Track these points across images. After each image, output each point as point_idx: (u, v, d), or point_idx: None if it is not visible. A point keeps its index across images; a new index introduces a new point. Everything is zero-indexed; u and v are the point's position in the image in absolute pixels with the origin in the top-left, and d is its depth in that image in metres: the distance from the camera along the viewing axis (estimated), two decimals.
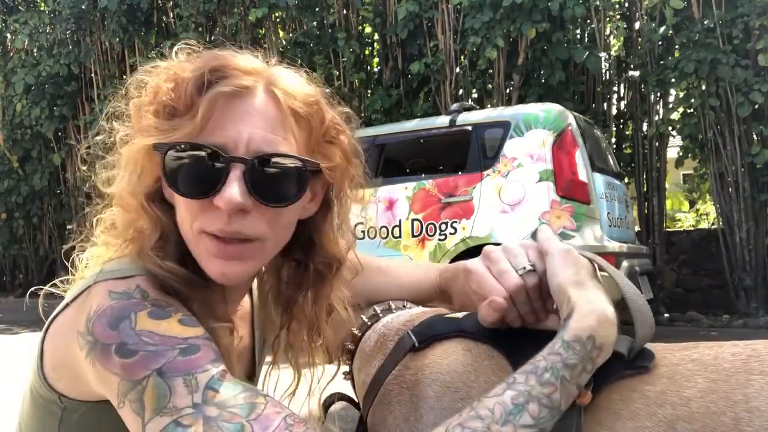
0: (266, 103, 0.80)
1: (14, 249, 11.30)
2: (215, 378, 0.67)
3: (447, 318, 0.95)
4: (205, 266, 0.80)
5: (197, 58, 0.84)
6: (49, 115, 9.97)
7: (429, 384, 0.85)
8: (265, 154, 0.77)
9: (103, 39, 9.53)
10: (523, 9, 6.31)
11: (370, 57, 8.66)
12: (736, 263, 6.37)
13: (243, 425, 0.64)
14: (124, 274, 0.77)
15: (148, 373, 0.67)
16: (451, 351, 0.88)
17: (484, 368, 0.84)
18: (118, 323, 0.71)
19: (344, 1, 7.98)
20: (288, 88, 0.82)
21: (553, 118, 4.62)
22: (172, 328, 0.71)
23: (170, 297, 0.77)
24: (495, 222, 4.56)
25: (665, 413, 0.71)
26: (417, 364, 0.88)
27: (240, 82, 0.78)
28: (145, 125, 0.80)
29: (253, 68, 0.81)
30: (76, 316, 0.76)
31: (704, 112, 6.30)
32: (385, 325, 1.00)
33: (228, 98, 0.78)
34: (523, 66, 6.88)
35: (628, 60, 7.46)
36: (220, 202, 0.75)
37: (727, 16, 6.19)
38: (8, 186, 10.70)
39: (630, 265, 4.55)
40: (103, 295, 0.74)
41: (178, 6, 8.74)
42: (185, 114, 0.78)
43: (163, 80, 0.81)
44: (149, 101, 0.81)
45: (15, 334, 6.26)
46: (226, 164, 0.76)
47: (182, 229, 0.81)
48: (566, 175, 4.47)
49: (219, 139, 0.77)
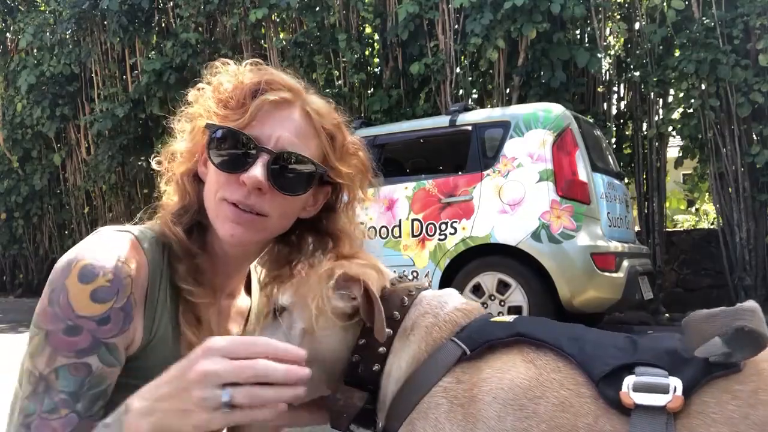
0: (300, 116, 1.03)
1: (14, 249, 11.30)
2: (65, 366, 0.87)
3: (497, 322, 0.90)
4: (220, 227, 1.00)
5: (258, 70, 1.06)
6: (50, 115, 9.97)
7: (489, 403, 0.77)
8: (288, 152, 0.99)
9: (104, 39, 9.53)
10: (524, 10, 6.32)
11: (371, 57, 8.66)
12: (736, 263, 6.37)
13: (33, 415, 0.85)
14: (123, 228, 0.99)
15: (43, 328, 0.88)
16: (511, 363, 0.80)
17: (551, 382, 0.77)
18: (65, 268, 0.91)
19: (345, 2, 7.98)
20: (319, 109, 1.05)
21: (553, 118, 4.63)
22: (79, 298, 0.89)
23: (134, 255, 0.96)
24: (495, 222, 4.56)
25: (758, 414, 0.67)
26: (471, 379, 0.81)
27: (283, 95, 1.01)
28: (205, 107, 1.02)
29: (296, 87, 1.04)
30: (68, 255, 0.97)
31: (704, 112, 6.30)
32: (432, 308, 0.95)
33: (272, 105, 1.00)
34: (523, 66, 6.88)
35: (629, 60, 7.46)
36: (245, 178, 0.96)
37: (727, 16, 6.19)
38: (8, 186, 10.69)
39: (630, 265, 4.55)
40: (94, 234, 0.98)
41: (178, 6, 8.73)
42: (237, 109, 0.99)
43: (228, 79, 1.03)
44: (213, 90, 1.03)
45: (19, 333, 6.26)
46: (257, 151, 0.98)
47: (207, 197, 1.03)
48: (566, 175, 4.47)
49: (257, 133, 0.99)
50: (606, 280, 4.36)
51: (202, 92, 1.05)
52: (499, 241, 4.51)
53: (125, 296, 0.92)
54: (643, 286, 4.77)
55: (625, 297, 4.43)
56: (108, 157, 9.31)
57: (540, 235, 4.39)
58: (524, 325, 0.86)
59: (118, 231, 0.99)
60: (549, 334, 0.82)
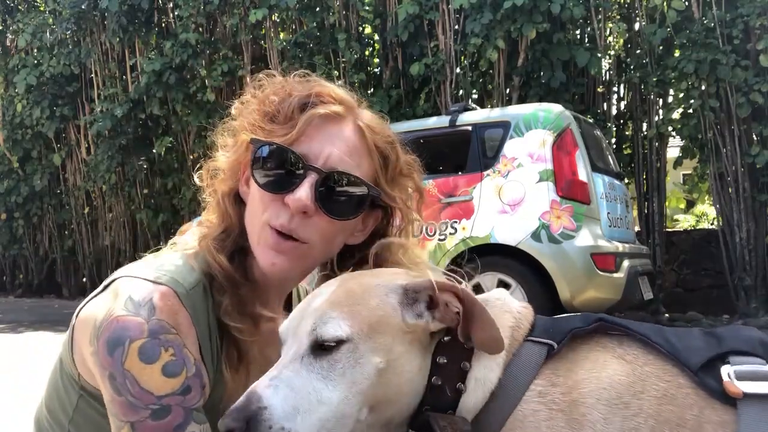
0: (352, 132, 0.95)
1: (14, 249, 11.29)
2: None
3: (565, 317, 0.84)
4: (260, 255, 0.93)
5: (307, 81, 0.98)
6: (50, 115, 9.97)
7: (593, 405, 0.72)
8: (338, 171, 0.91)
9: (104, 39, 9.53)
10: (524, 10, 6.32)
11: (371, 57, 8.66)
12: (736, 263, 6.37)
13: None
14: (151, 277, 0.88)
15: (125, 420, 0.83)
16: (603, 360, 0.76)
17: (647, 376, 0.74)
18: (114, 349, 0.83)
19: (345, 2, 7.98)
20: (372, 125, 0.97)
21: (553, 118, 4.63)
22: (153, 378, 0.82)
23: (178, 317, 0.87)
24: (495, 222, 4.55)
25: None
26: (567, 381, 0.75)
27: (335, 109, 0.93)
28: (249, 121, 0.94)
29: (348, 101, 0.96)
30: (100, 306, 0.89)
31: (704, 112, 6.30)
32: (507, 307, 0.86)
33: (322, 120, 0.92)
34: (523, 67, 6.88)
35: (628, 60, 7.46)
36: (290, 200, 0.89)
37: (726, 16, 6.18)
38: (8, 186, 10.68)
39: (630, 266, 4.55)
40: (120, 298, 0.87)
41: (178, 6, 8.72)
42: (284, 123, 0.92)
43: (272, 92, 0.95)
44: (259, 102, 0.96)
45: (19, 333, 6.26)
46: (304, 170, 0.90)
47: (251, 220, 0.95)
48: (566, 176, 4.47)
49: (305, 150, 0.91)
50: (606, 281, 4.36)
51: (246, 105, 0.98)
52: (499, 242, 4.51)
53: (192, 362, 0.86)
54: (643, 287, 4.77)
55: (625, 297, 4.43)
56: (108, 157, 9.30)
57: (540, 236, 4.39)
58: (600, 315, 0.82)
59: (151, 282, 0.88)
60: (630, 324, 0.79)
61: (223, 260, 0.93)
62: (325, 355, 0.77)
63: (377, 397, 0.78)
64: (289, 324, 0.85)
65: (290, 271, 0.94)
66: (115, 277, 0.92)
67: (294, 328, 0.83)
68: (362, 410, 0.77)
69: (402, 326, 0.80)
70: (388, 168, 0.99)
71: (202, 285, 0.92)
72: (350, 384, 0.76)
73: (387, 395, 0.78)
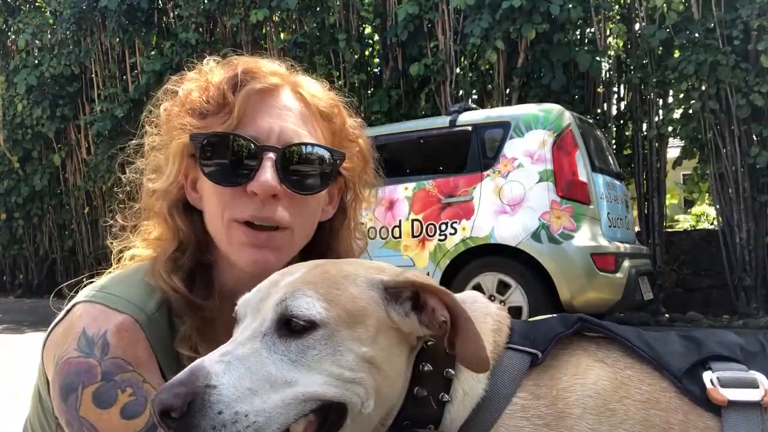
0: (294, 101, 0.88)
1: (14, 249, 11.30)
2: None
3: (541, 320, 0.80)
4: (237, 257, 0.84)
5: (226, 64, 0.92)
6: (50, 115, 9.97)
7: (580, 416, 0.69)
8: (295, 144, 0.83)
9: (104, 39, 9.53)
10: (523, 11, 6.32)
11: (371, 58, 8.66)
12: (736, 263, 6.37)
13: None
14: (111, 303, 0.82)
15: None
16: (585, 365, 0.72)
17: (630, 380, 0.72)
18: (68, 396, 0.77)
19: (345, 2, 7.98)
20: (312, 90, 0.91)
21: (552, 119, 4.63)
22: (112, 423, 0.75)
23: (136, 350, 0.80)
24: (495, 222, 4.55)
25: None
26: (550, 392, 0.71)
27: (271, 80, 0.86)
28: (178, 125, 0.85)
29: (280, 72, 0.90)
30: (59, 340, 0.83)
31: (704, 113, 6.30)
32: (487, 309, 0.79)
33: (260, 95, 0.85)
34: (523, 67, 6.88)
35: (628, 61, 7.46)
36: (255, 187, 0.80)
37: (727, 17, 6.19)
38: (8, 186, 10.69)
39: (630, 266, 4.55)
40: (74, 334, 0.80)
41: (178, 6, 8.73)
42: (218, 112, 0.84)
43: (193, 87, 0.88)
44: (180, 105, 0.88)
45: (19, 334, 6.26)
46: (259, 152, 0.81)
47: (212, 223, 0.86)
48: (566, 176, 4.47)
49: (252, 131, 0.83)
50: (606, 281, 4.36)
51: (168, 111, 0.89)
52: (499, 242, 4.51)
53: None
54: (643, 287, 4.77)
55: (625, 297, 4.43)
56: (108, 157, 9.31)
57: (540, 236, 4.39)
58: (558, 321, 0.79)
59: (111, 310, 0.81)
60: (610, 326, 0.76)
61: (177, 284, 0.84)
62: (293, 338, 0.66)
63: None
64: (251, 298, 0.73)
65: (276, 264, 0.84)
66: (77, 301, 0.85)
67: (256, 303, 0.71)
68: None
69: (387, 321, 0.71)
70: (335, 133, 0.92)
71: (165, 306, 0.86)
72: (328, 373, 0.66)
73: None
